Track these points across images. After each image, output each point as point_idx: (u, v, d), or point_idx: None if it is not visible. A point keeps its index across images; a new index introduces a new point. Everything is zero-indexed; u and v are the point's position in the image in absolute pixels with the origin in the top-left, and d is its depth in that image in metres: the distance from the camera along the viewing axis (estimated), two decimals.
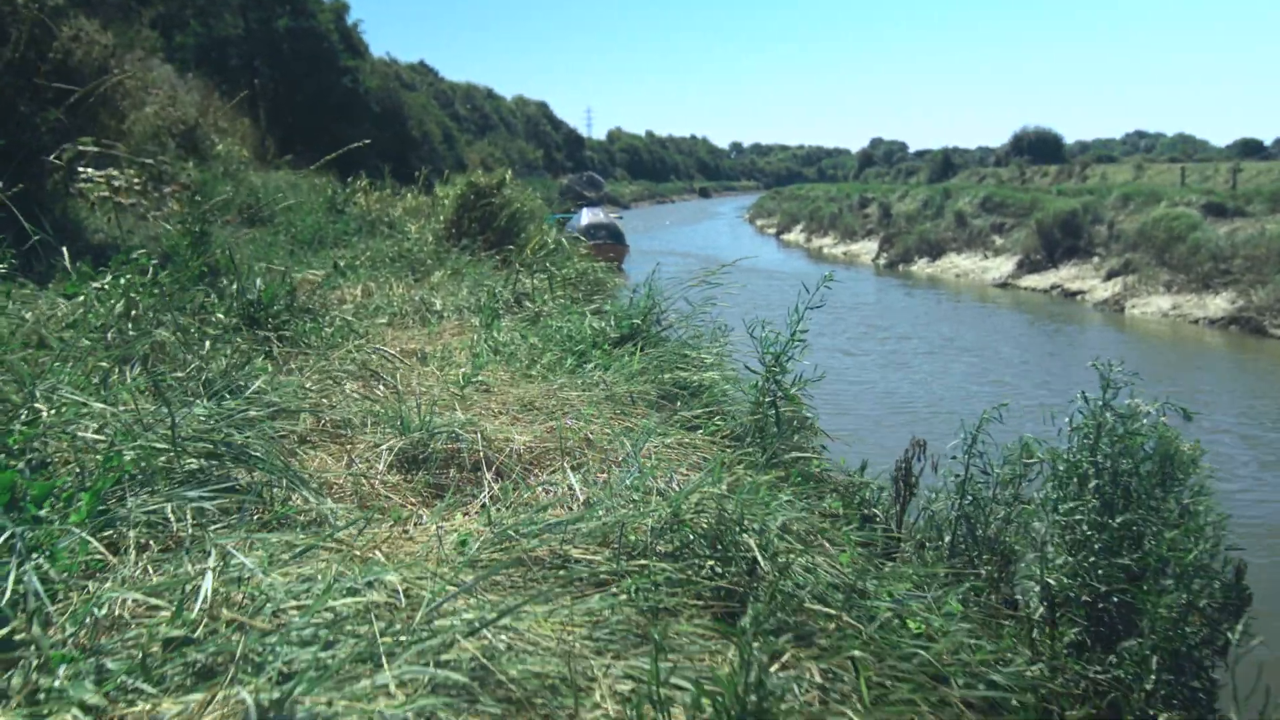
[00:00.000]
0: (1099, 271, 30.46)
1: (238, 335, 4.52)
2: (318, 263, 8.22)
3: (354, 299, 6.81)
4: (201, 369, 3.65)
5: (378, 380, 4.21)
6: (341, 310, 6.03)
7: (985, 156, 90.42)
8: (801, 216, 60.52)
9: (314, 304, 5.87)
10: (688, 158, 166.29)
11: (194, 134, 13.61)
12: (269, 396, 3.50)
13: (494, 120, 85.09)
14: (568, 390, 4.07)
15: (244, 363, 3.95)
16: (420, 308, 6.43)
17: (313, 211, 11.28)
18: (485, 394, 4.03)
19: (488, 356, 4.83)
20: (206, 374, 3.60)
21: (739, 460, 3.35)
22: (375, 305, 6.53)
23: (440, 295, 6.82)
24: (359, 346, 4.71)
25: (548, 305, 6.39)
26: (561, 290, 6.73)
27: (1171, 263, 27.30)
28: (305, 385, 3.90)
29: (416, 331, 5.91)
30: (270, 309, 4.94)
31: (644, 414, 3.73)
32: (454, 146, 53.08)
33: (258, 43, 31.43)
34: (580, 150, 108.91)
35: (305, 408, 3.58)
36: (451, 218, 9.16)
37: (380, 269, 8.06)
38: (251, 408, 3.25)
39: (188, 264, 5.12)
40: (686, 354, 4.59)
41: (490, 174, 9.75)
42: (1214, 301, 25.08)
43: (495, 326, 5.67)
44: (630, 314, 5.17)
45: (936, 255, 39.32)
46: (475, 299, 6.69)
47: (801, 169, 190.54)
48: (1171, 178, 49.04)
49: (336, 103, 33.39)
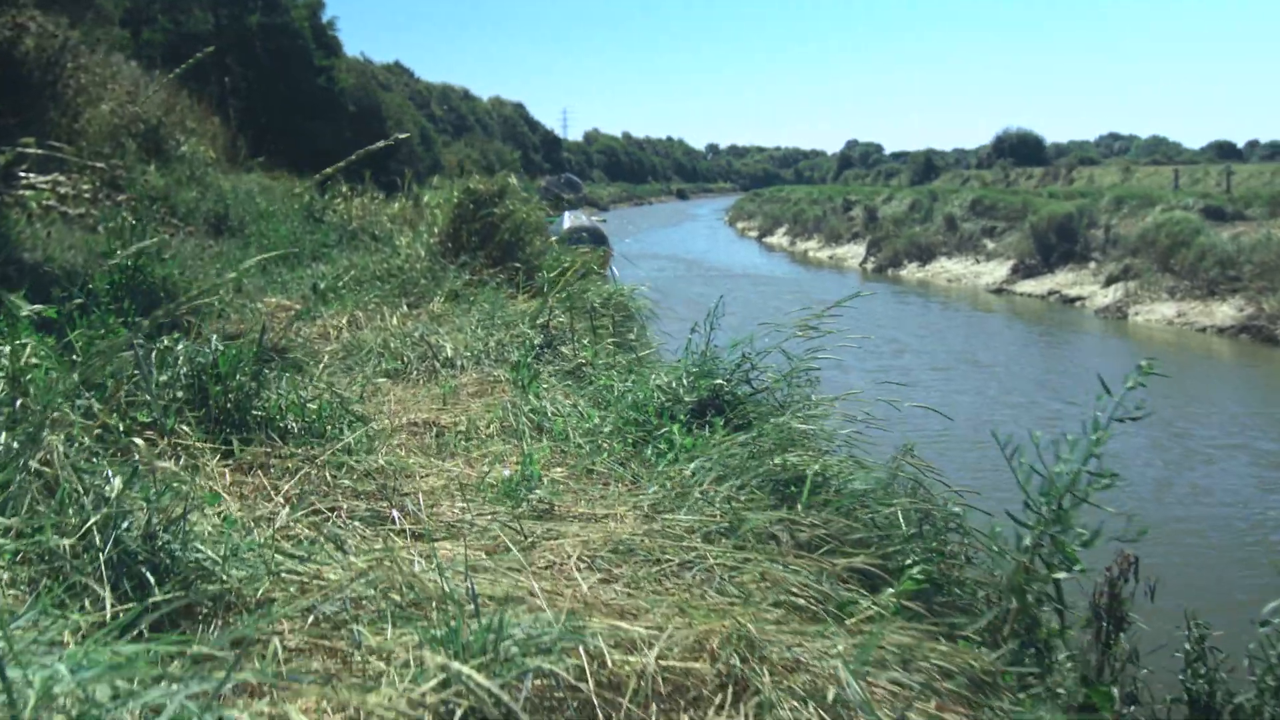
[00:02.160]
0: (1097, 277, 29.69)
1: (178, 428, 3.31)
2: (294, 281, 7.18)
3: (338, 333, 5.77)
4: (111, 518, 2.15)
5: (388, 501, 2.99)
6: (327, 352, 5.00)
7: (967, 158, 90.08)
8: (784, 219, 59.71)
9: (289, 343, 4.83)
10: (665, 159, 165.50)
11: (157, 134, 12.53)
12: (219, 568, 2.25)
13: (470, 121, 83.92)
14: (666, 510, 2.92)
15: (181, 494, 2.53)
16: (426, 352, 5.36)
17: (288, 219, 10.21)
18: (550, 523, 2.87)
19: (533, 440, 3.81)
20: (115, 528, 2.14)
21: None
22: (367, 348, 5.51)
23: (446, 330, 5.80)
24: (359, 445, 3.48)
25: (588, 351, 5.31)
26: (588, 321, 5.72)
27: (1175, 269, 26.53)
28: (276, 540, 2.58)
29: (425, 390, 4.88)
30: (230, 383, 3.54)
31: (790, 554, 2.59)
32: (431, 148, 51.92)
33: (229, 39, 30.18)
34: (558, 152, 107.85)
35: (285, 610, 2.12)
36: (447, 230, 8.06)
37: (367, 290, 7.01)
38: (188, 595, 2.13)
39: (108, 316, 3.95)
40: (803, 441, 3.51)
41: (490, 179, 8.62)
42: (1220, 309, 24.32)
43: (534, 387, 4.59)
44: (706, 368, 4.09)
45: (926, 260, 38.52)
46: (489, 336, 5.62)
47: (778, 170, 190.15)
48: (1160, 180, 48.53)
49: (311, 102, 32.21)
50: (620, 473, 3.46)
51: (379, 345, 5.55)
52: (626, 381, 4.54)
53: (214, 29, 29.93)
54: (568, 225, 30.99)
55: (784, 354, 4.24)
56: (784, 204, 65.13)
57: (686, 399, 3.93)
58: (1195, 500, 11.13)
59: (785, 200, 67.01)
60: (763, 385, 4.08)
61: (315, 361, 4.90)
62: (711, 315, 4.34)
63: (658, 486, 3.13)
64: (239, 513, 2.74)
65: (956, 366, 18.71)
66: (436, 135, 59.69)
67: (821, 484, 2.98)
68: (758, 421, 3.67)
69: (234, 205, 10.44)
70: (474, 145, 73.46)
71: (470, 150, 69.95)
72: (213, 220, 9.74)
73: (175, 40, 28.25)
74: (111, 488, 2.07)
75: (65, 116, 9.20)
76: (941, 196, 44.59)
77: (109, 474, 2.27)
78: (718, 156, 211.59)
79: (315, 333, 5.87)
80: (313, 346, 5.42)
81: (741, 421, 3.74)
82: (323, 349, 5.44)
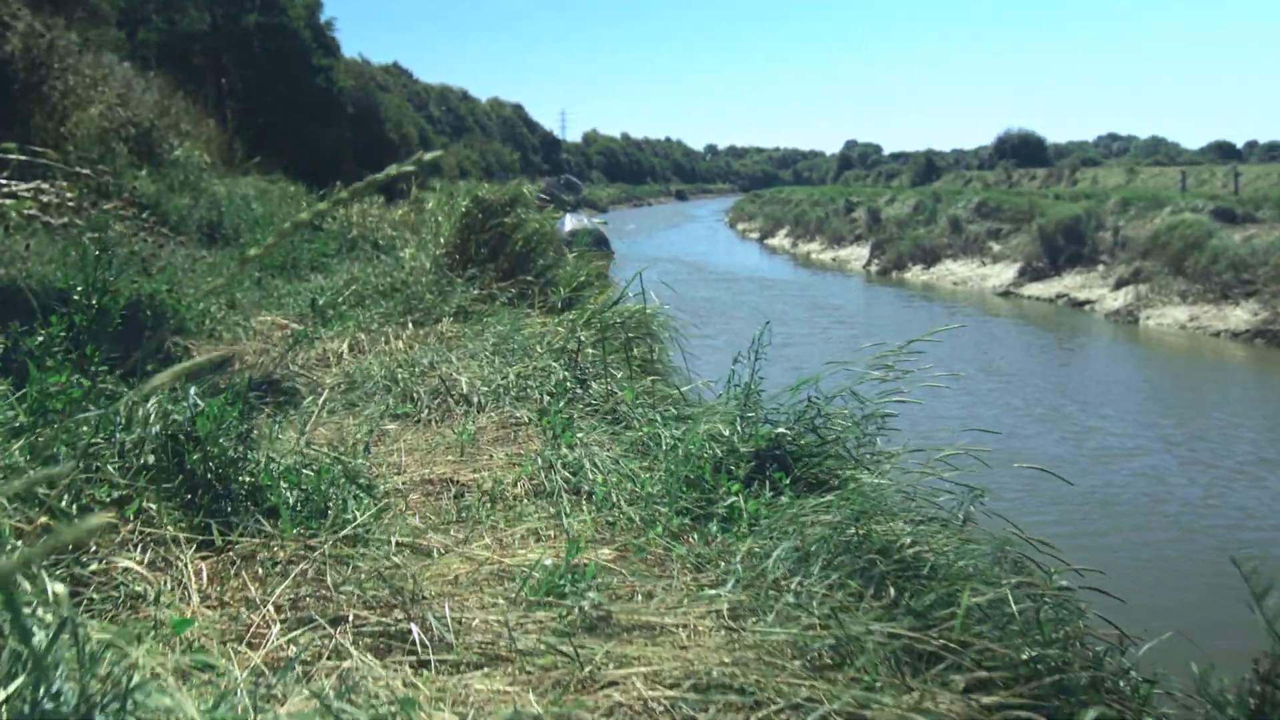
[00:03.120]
0: (1106, 280, 29.26)
1: (145, 506, 2.75)
2: (290, 295, 6.74)
3: (338, 359, 5.30)
4: (27, 686, 1.44)
5: (405, 613, 2.40)
6: (327, 384, 4.54)
7: (966, 158, 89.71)
8: (785, 220, 59.25)
9: (284, 374, 4.37)
10: (663, 160, 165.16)
11: (149, 137, 12.08)
12: None
13: (469, 123, 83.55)
14: (747, 613, 2.39)
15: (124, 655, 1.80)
16: (438, 386, 4.81)
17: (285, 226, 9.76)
18: (609, 640, 2.30)
19: (571, 506, 3.30)
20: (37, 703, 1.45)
21: None
22: (372, 380, 4.99)
23: (458, 356, 5.28)
24: (367, 526, 2.93)
25: (628, 393, 4.60)
26: (620, 351, 5.20)
27: (1187, 272, 26.09)
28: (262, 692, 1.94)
29: (439, 435, 4.34)
30: (211, 449, 2.92)
31: (926, 693, 2.09)
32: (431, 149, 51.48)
33: (225, 39, 29.74)
34: (557, 153, 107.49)
35: None
36: (453, 240, 7.56)
37: (369, 306, 6.54)
38: None
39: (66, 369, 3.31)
40: (888, 503, 3.02)
41: (501, 186, 8.13)
42: (1235, 313, 23.89)
43: (567, 437, 3.94)
44: (766, 415, 3.62)
45: (931, 262, 38.07)
46: (507, 366, 5.05)
47: (777, 171, 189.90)
48: (1165, 181, 48.12)
49: (309, 103, 31.78)
50: (680, 552, 2.93)
51: (385, 376, 5.05)
52: (672, 428, 4.01)
53: (210, 29, 29.50)
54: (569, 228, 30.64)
55: (855, 396, 3.74)
56: (785, 205, 64.71)
57: (742, 449, 3.43)
58: None
59: (786, 201, 66.60)
60: (831, 434, 3.55)
61: (314, 397, 4.44)
62: (756, 344, 3.87)
63: (733, 581, 2.58)
64: (217, 628, 2.25)
65: (974, 375, 18.24)
66: (435, 136, 59.34)
67: (918, 565, 2.51)
68: (826, 475, 3.21)
69: (228, 212, 10.01)
70: (473, 147, 73.17)
71: (469, 151, 69.64)
72: (206, 228, 9.31)
73: (170, 40, 27.83)
74: (40, 641, 1.52)
75: (51, 120, 8.76)
76: (945, 198, 44.20)
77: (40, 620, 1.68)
78: (716, 157, 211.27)
79: (314, 357, 5.41)
80: (311, 376, 4.97)
81: (811, 479, 3.28)
82: (322, 379, 5.00)
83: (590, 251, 30.46)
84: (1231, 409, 16.27)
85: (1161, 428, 14.47)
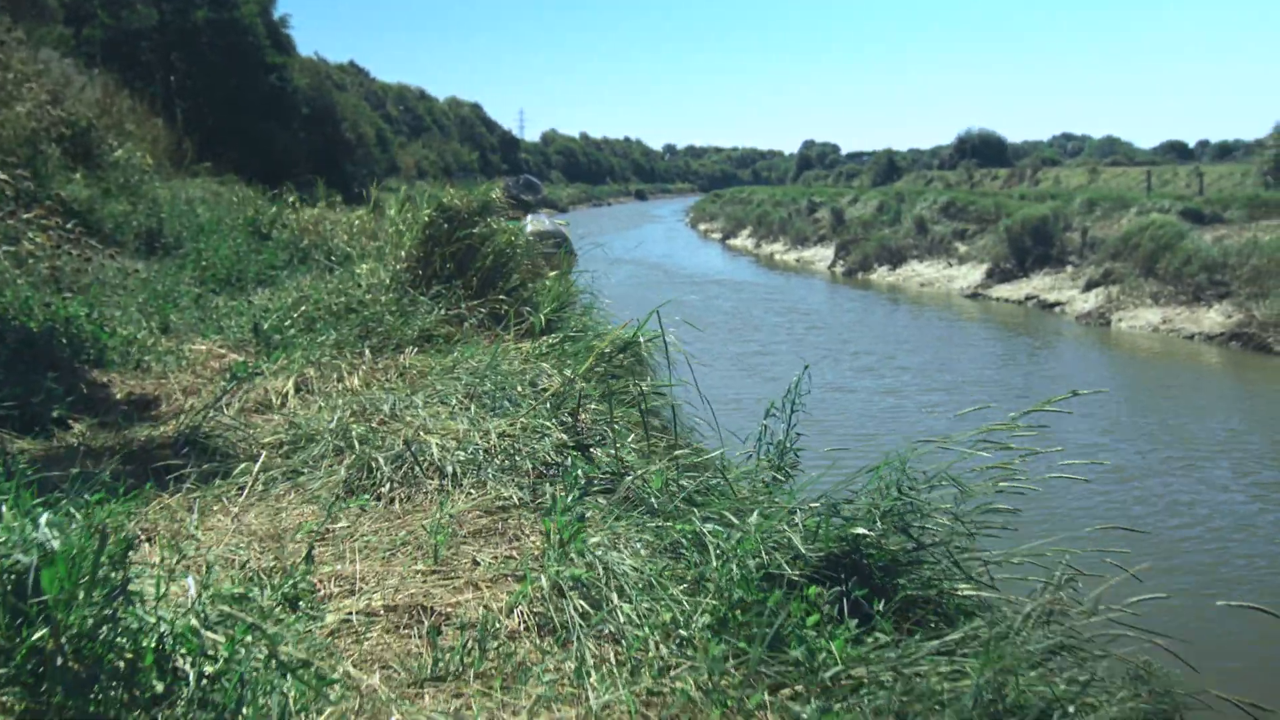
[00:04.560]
0: (1076, 282, 28.95)
1: None
2: (232, 315, 5.99)
3: (282, 400, 4.53)
4: None
5: None
6: (265, 444, 3.79)
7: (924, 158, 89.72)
8: (748, 221, 58.81)
9: (211, 433, 3.63)
10: (623, 160, 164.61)
11: (87, 137, 11.26)
12: None
13: (427, 122, 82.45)
14: None
15: None
16: (401, 453, 3.87)
17: (231, 234, 8.97)
18: None
19: (592, 654, 2.45)
20: None
21: None
22: (320, 438, 4.05)
23: (425, 400, 4.42)
24: None
25: (656, 479, 3.61)
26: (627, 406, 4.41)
27: (1159, 273, 25.78)
28: None
29: (404, 526, 3.44)
30: (64, 619, 1.91)
31: None
32: (388, 149, 50.57)
33: (174, 35, 28.70)
34: (515, 152, 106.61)
35: None
36: (416, 254, 6.75)
37: (321, 330, 5.78)
38: None
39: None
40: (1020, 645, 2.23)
41: (468, 192, 7.27)
42: (1208, 315, 23.59)
43: (579, 543, 2.99)
44: (837, 507, 2.83)
45: (897, 263, 37.70)
46: (486, 419, 4.12)
47: (736, 171, 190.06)
48: (1127, 181, 48.09)
49: (262, 102, 30.82)
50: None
51: (336, 432, 4.12)
52: (712, 526, 3.04)
53: (158, 25, 28.47)
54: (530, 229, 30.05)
55: (955, 482, 2.99)
56: (746, 205, 64.31)
57: (807, 551, 2.64)
58: None
59: (747, 202, 66.19)
60: (927, 533, 2.79)
61: (248, 465, 3.68)
62: (793, 394, 3.20)
63: None
64: None
65: (960, 386, 17.68)
66: (393, 136, 58.35)
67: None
68: (925, 594, 2.47)
69: (170, 219, 9.19)
70: (431, 146, 72.25)
71: (428, 151, 68.73)
72: (144, 236, 8.52)
73: (116, 37, 26.80)
74: None
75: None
76: (908, 198, 43.85)
77: None
78: (675, 157, 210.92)
79: (254, 400, 4.62)
80: (248, 429, 4.20)
81: (896, 597, 2.54)
82: (261, 434, 4.16)
83: (553, 253, 29.89)
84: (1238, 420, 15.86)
85: None
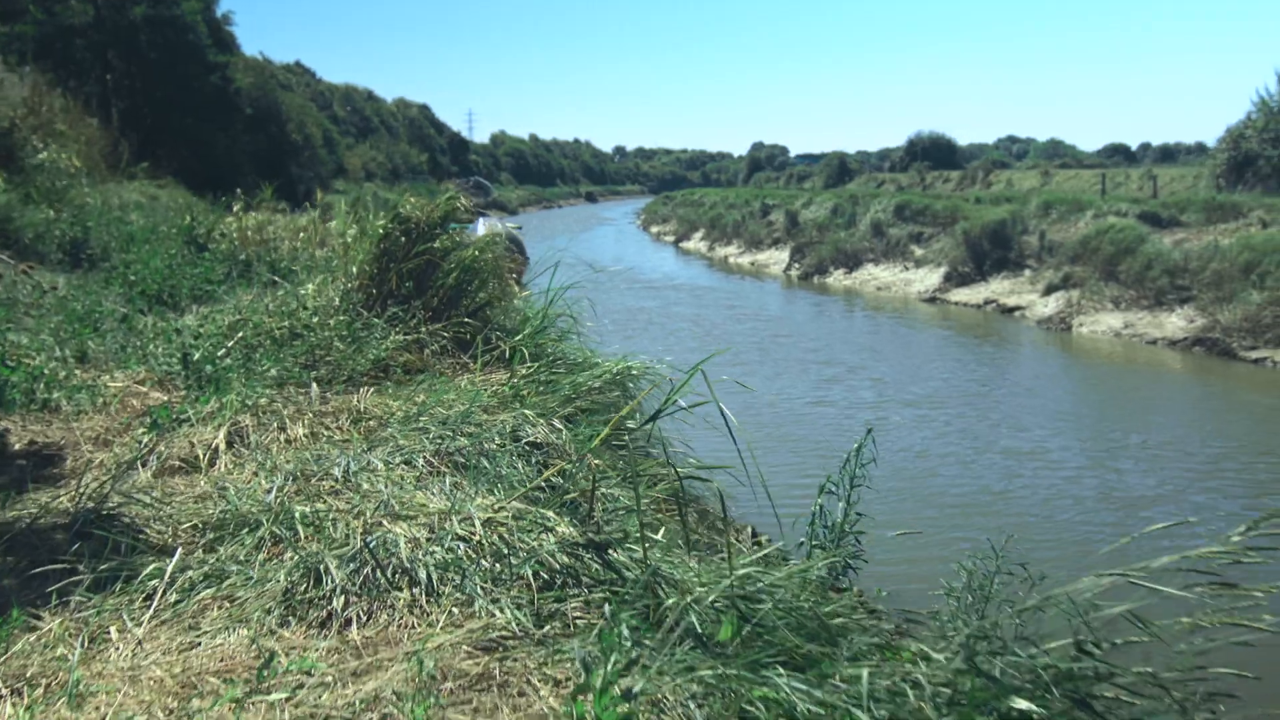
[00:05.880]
0: (1035, 286, 28.71)
1: None
2: (161, 341, 5.26)
3: (210, 455, 3.75)
4: None
5: None
6: (185, 528, 3.02)
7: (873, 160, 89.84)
8: (700, 224, 58.37)
9: (112, 508, 2.87)
10: (573, 162, 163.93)
11: (9, 139, 10.43)
12: None
13: (375, 123, 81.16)
14: None
15: None
16: (357, 553, 3.01)
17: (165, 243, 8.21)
18: None
19: None
20: None
21: None
22: (257, 522, 3.16)
23: (385, 458, 3.61)
24: None
25: (699, 593, 2.80)
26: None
27: (1119, 277, 25.56)
28: None
29: (367, 671, 2.56)
30: None
31: None
32: (335, 151, 49.50)
33: (111, 32, 27.57)
34: (465, 154, 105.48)
35: None
36: (369, 270, 5.96)
37: (260, 361, 5.02)
38: None
39: None
40: None
41: (429, 203, 6.44)
42: (1170, 320, 23.38)
43: (606, 704, 2.19)
44: (976, 660, 2.00)
45: (854, 267, 37.38)
46: (461, 486, 3.36)
47: (686, 173, 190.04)
48: (1079, 184, 48.15)
49: (204, 102, 29.76)
50: None
51: (274, 514, 3.20)
52: (796, 685, 2.23)
53: (94, 21, 27.34)
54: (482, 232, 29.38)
55: None
56: (698, 208, 63.86)
57: None
58: None
59: (699, 204, 65.76)
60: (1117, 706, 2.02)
61: (158, 564, 2.87)
62: (853, 467, 2.58)
63: None
64: None
65: (937, 396, 17.18)
66: (340, 138, 57.22)
67: None
68: None
69: (97, 228, 8.36)
70: (379, 148, 71.11)
71: (376, 153, 67.61)
72: (68, 247, 7.73)
73: (49, 33, 25.67)
74: None
75: None
76: (863, 201, 43.54)
77: None
78: (625, 159, 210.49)
79: (175, 456, 3.80)
80: (162, 505, 3.33)
81: None
82: (179, 510, 3.30)
83: (505, 256, 29.23)
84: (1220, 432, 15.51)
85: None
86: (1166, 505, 11.23)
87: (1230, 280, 22.47)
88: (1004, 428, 14.86)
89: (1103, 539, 9.81)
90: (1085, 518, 10.88)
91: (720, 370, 2.94)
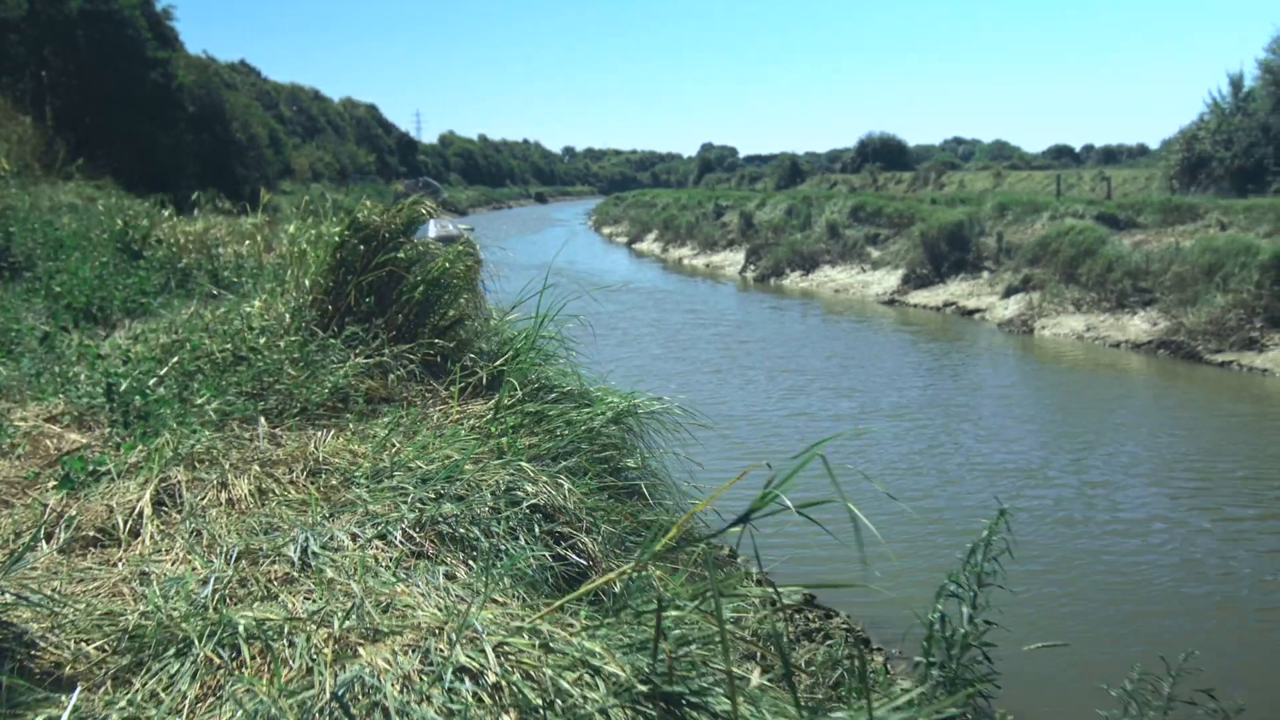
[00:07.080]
0: (994, 288, 28.50)
1: None
2: (84, 363, 4.61)
3: (130, 534, 2.83)
4: None
5: None
6: (85, 653, 2.13)
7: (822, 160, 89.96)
8: (653, 225, 57.89)
9: (11, 600, 2.10)
10: (522, 162, 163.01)
11: None
12: None
13: (322, 123, 79.85)
14: None
15: None
16: (325, 705, 1.98)
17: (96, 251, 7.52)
18: None
19: None
20: None
21: None
22: (183, 645, 2.14)
23: (351, 530, 2.82)
24: None
25: None
26: None
27: (1080, 279, 25.37)
28: None
29: None
30: None
31: None
32: (281, 151, 48.42)
33: (45, 27, 26.52)
34: (414, 154, 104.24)
35: None
36: (324, 283, 5.26)
37: (199, 391, 4.32)
38: None
39: None
40: None
41: (389, 207, 5.72)
42: (1133, 323, 23.20)
43: None
44: None
45: (810, 268, 37.06)
46: (453, 585, 2.58)
47: (635, 174, 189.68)
48: (1032, 186, 48.28)
49: (144, 100, 28.75)
50: None
51: (210, 631, 2.21)
52: None
53: (28, 15, 26.27)
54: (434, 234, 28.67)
55: None
56: (651, 209, 63.41)
57: None
58: None
59: (651, 205, 65.34)
60: None
61: (49, 713, 2.00)
62: (979, 558, 2.01)
63: None
64: None
65: (912, 406, 16.74)
66: (286, 138, 56.03)
67: None
68: None
69: (20, 233, 7.62)
70: (326, 148, 69.91)
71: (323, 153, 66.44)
72: None
73: None
74: None
75: None
76: (817, 202, 43.25)
77: None
78: (575, 159, 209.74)
79: (90, 525, 2.92)
80: (58, 608, 2.35)
81: None
82: (83, 615, 2.35)
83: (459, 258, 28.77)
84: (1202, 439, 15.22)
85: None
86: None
87: (1193, 283, 22.33)
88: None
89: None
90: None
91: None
